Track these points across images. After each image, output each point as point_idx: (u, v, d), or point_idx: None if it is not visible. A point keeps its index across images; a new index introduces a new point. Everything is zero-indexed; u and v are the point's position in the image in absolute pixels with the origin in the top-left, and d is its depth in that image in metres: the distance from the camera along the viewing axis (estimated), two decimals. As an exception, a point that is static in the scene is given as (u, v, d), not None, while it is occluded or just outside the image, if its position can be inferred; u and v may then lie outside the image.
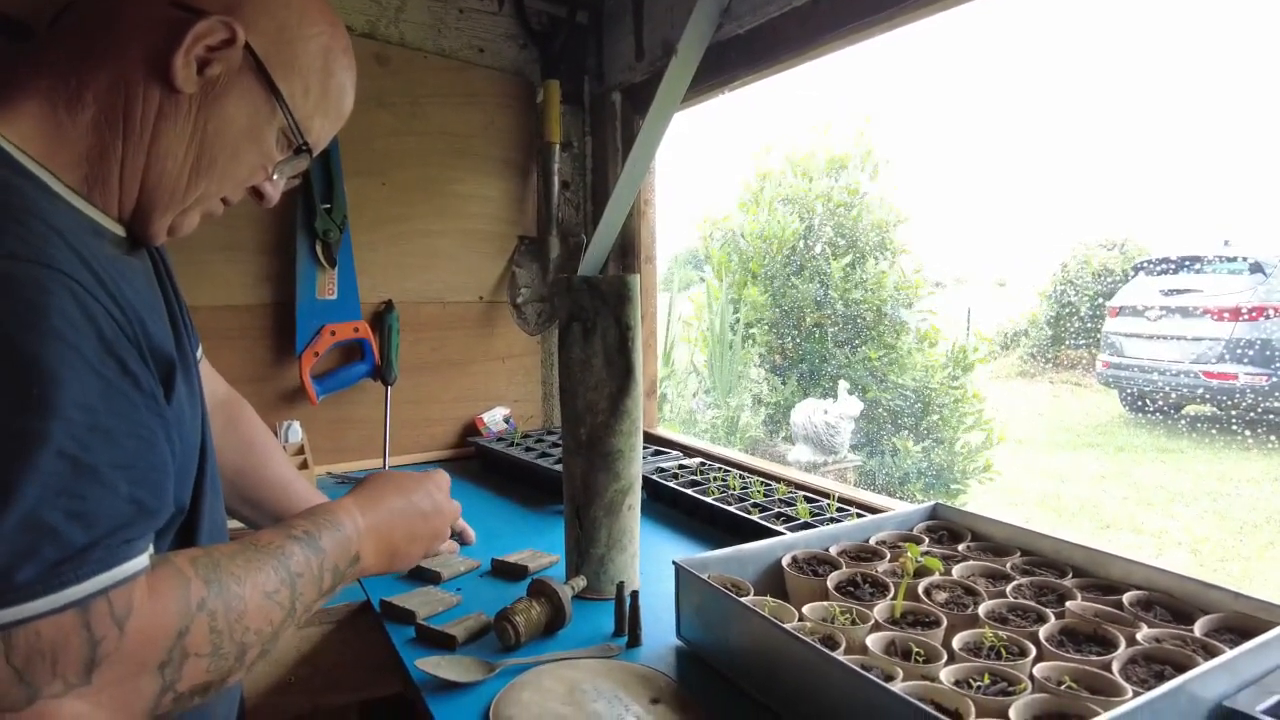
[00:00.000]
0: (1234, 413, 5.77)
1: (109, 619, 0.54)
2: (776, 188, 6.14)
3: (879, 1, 1.23)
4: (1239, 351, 5.65)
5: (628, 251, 1.99)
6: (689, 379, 6.01)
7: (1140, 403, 6.66)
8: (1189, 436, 6.13)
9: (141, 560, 0.57)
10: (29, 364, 0.52)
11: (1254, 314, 5.75)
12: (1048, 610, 0.84)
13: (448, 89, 1.84)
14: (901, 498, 5.00)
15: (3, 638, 0.50)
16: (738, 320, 5.80)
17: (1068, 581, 0.92)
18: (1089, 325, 7.54)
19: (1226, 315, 5.86)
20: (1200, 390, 6.01)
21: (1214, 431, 5.95)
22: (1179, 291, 6.33)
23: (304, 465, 1.53)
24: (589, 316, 1.05)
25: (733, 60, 1.53)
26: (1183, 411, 6.47)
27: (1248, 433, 5.67)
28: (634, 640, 0.95)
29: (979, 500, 5.23)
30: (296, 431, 1.64)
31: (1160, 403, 6.44)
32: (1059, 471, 5.82)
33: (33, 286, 0.54)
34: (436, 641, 0.96)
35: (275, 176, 0.81)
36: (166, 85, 0.68)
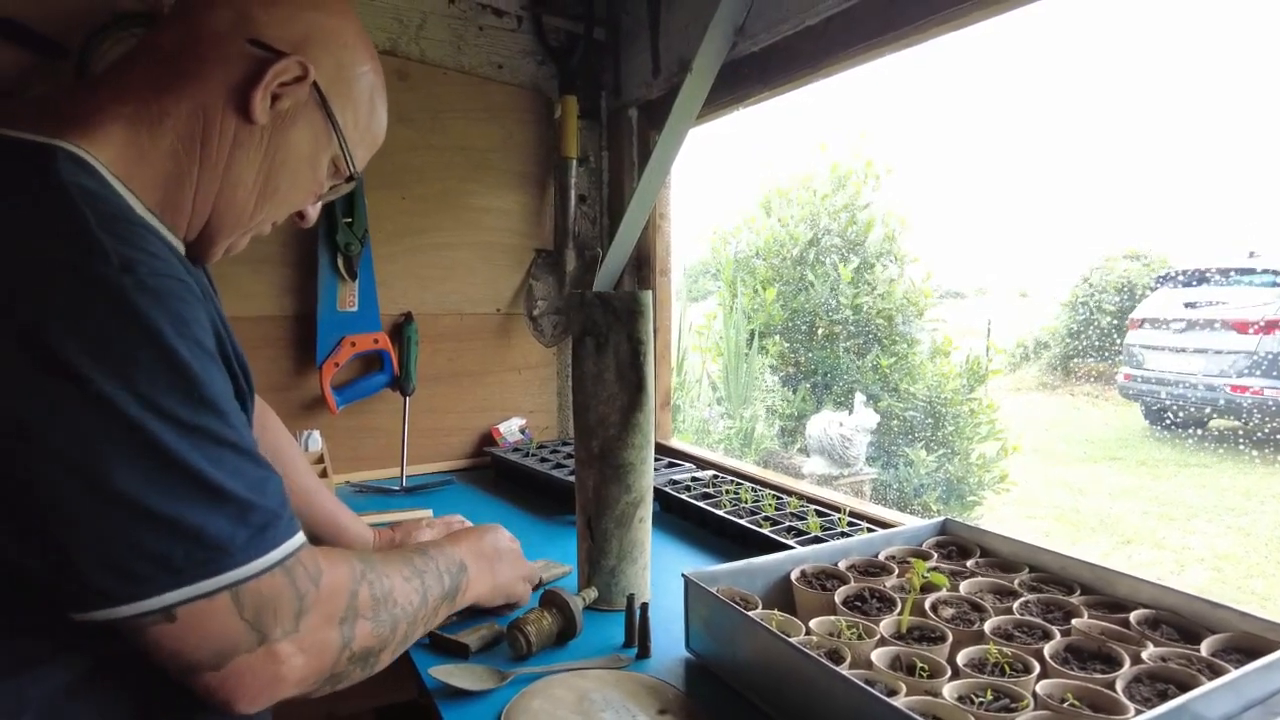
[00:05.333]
0: (1265, 427, 5.68)
1: (306, 575, 0.64)
2: (784, 204, 6.17)
3: (891, 21, 1.25)
4: (1266, 365, 5.57)
5: (643, 264, 2.01)
6: (701, 389, 6.01)
7: (1162, 416, 6.58)
8: (1213, 451, 6.04)
9: (302, 533, 0.66)
10: (186, 369, 0.59)
11: (1282, 327, 5.67)
12: (1053, 627, 0.85)
13: (467, 104, 1.87)
14: (917, 510, 4.97)
15: (234, 595, 0.59)
16: (752, 332, 5.81)
17: (1075, 599, 0.92)
18: (1110, 337, 7.46)
19: (1253, 328, 5.78)
20: (1225, 404, 5.93)
21: (1239, 446, 5.86)
22: (1203, 304, 6.25)
23: (323, 474, 1.56)
24: (602, 331, 1.07)
25: (747, 77, 1.55)
26: (1207, 426, 6.38)
27: (1274, 447, 5.58)
28: (643, 651, 0.96)
29: (996, 513, 5.18)
30: (316, 440, 1.67)
31: (1183, 416, 6.35)
32: (1079, 484, 5.76)
33: (175, 298, 0.60)
34: (450, 650, 0.98)
35: (319, 202, 0.87)
36: (243, 117, 0.73)
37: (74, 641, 0.62)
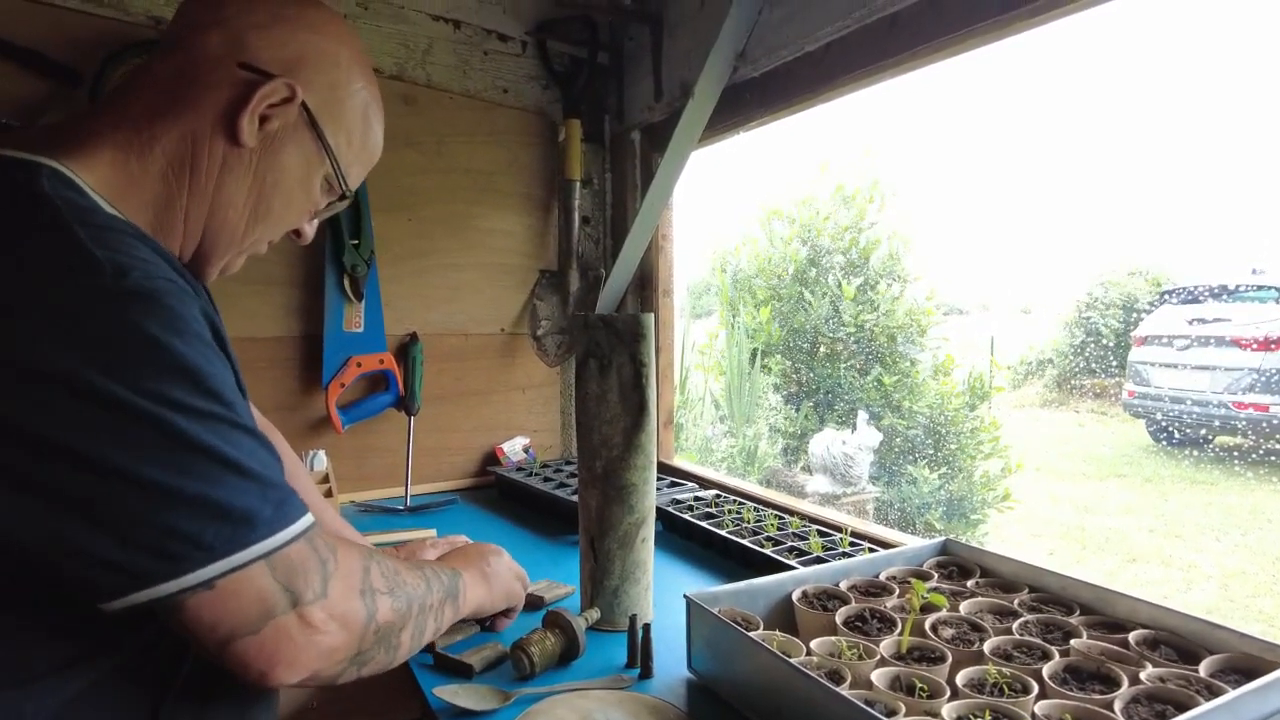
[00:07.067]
0: (1266, 445, 5.66)
1: (325, 546, 0.68)
2: (784, 224, 6.20)
3: (888, 47, 1.27)
4: (1267, 382, 5.56)
5: (646, 285, 2.03)
6: (704, 407, 6.01)
7: (1168, 433, 6.56)
8: (1219, 468, 6.02)
9: (311, 512, 0.68)
10: (189, 364, 0.60)
11: (1286, 344, 5.66)
12: (1053, 648, 0.85)
13: (473, 128, 1.90)
14: (920, 528, 4.95)
15: (269, 563, 0.62)
16: (755, 351, 5.82)
17: (1074, 619, 0.93)
18: (1114, 354, 7.46)
19: (1257, 345, 5.77)
20: (1231, 421, 5.91)
21: (1245, 463, 5.83)
22: (1207, 320, 6.25)
23: (328, 493, 1.57)
24: (605, 353, 1.09)
25: (748, 101, 1.58)
26: (1213, 442, 6.36)
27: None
28: (646, 672, 0.97)
29: (1000, 531, 5.16)
30: (322, 460, 1.68)
31: (1189, 433, 6.33)
32: (1084, 502, 5.74)
33: (171, 297, 0.61)
34: (454, 670, 0.99)
35: (314, 219, 0.88)
36: (231, 140, 0.74)
37: (75, 657, 0.63)
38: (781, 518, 1.46)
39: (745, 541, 1.32)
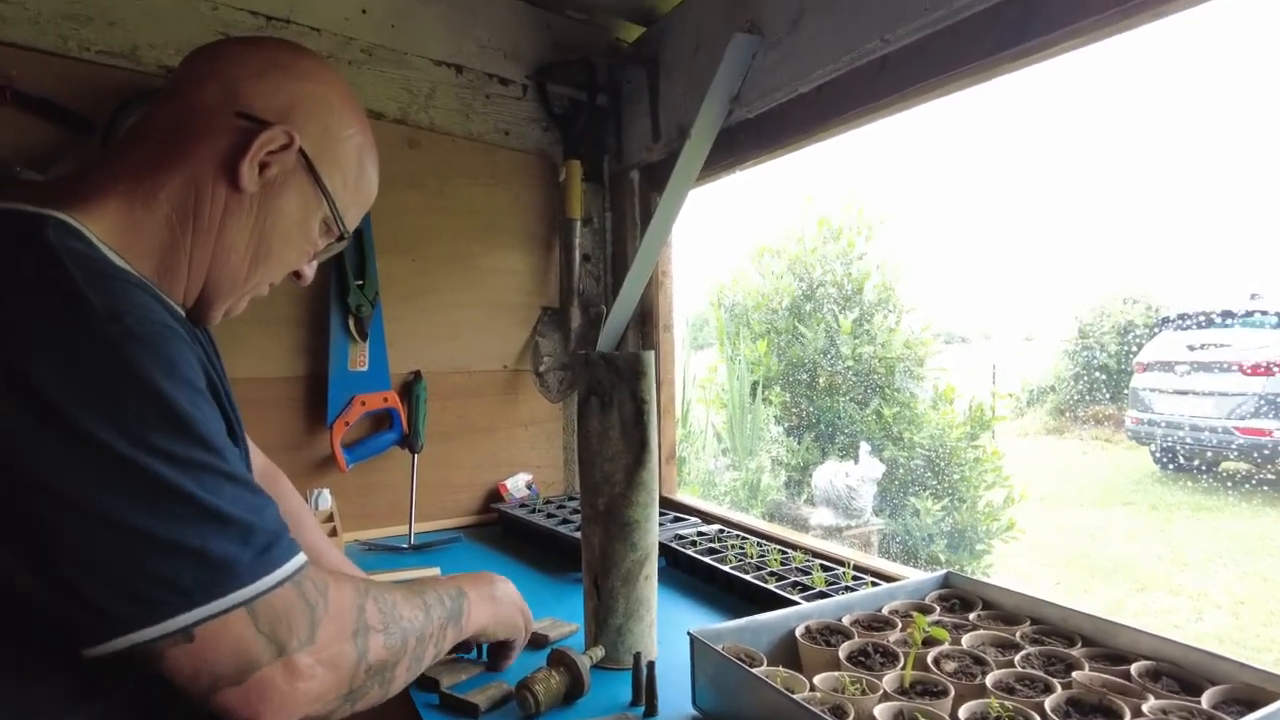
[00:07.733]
0: (1262, 473, 5.64)
1: (314, 589, 0.67)
2: (774, 258, 6.25)
3: (880, 89, 1.30)
4: (1269, 407, 5.56)
5: (647, 320, 2.05)
6: (706, 440, 6.01)
7: (1173, 459, 6.54)
8: (1225, 494, 5.99)
9: (304, 553, 0.68)
10: (177, 409, 0.61)
11: (1287, 369, 5.67)
12: (1055, 680, 0.85)
13: (475, 169, 1.94)
14: (925, 560, 4.91)
15: (250, 610, 0.62)
16: (755, 383, 5.83)
17: (1076, 651, 0.93)
18: (1116, 381, 7.46)
19: (1258, 370, 5.78)
20: (1234, 446, 5.90)
21: (1250, 489, 5.81)
22: (1207, 346, 6.27)
23: (333, 533, 1.58)
24: (606, 391, 1.10)
25: (743, 142, 1.61)
26: (1218, 468, 6.34)
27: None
28: (650, 709, 0.97)
29: (1007, 561, 5.12)
30: (326, 499, 1.69)
31: (1194, 459, 6.31)
32: (1091, 530, 5.71)
33: (164, 343, 0.63)
34: (460, 709, 0.99)
35: (314, 260, 0.91)
36: (233, 186, 0.77)
37: (82, 691, 0.64)
38: (784, 552, 1.46)
39: (749, 577, 1.33)
